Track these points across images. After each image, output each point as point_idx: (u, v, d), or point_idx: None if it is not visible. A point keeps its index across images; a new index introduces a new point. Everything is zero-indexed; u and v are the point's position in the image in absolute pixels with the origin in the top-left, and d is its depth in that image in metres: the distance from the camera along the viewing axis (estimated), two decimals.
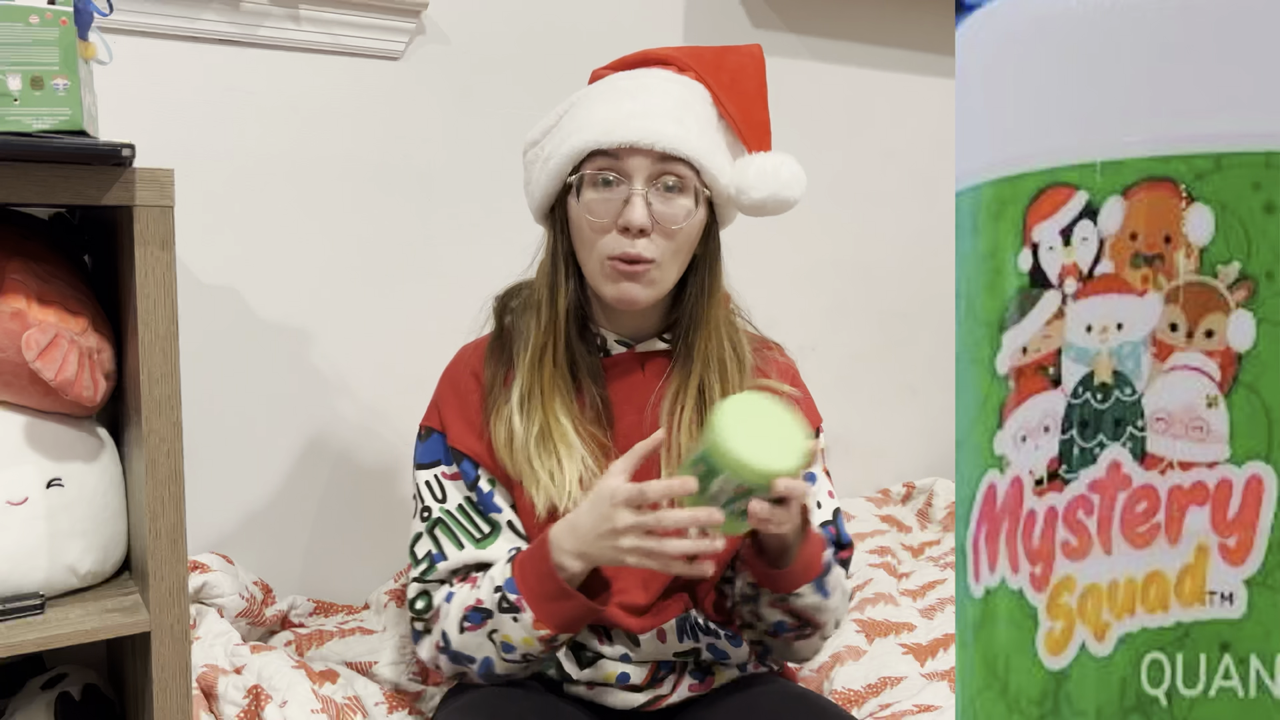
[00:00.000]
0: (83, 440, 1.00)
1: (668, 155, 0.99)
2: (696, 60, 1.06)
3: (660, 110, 1.01)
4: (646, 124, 0.99)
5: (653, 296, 1.04)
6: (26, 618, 0.93)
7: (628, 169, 1.00)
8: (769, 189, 1.03)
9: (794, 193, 1.05)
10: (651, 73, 1.06)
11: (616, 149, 0.99)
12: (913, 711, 1.24)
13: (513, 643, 1.01)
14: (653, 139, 0.98)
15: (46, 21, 0.84)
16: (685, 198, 1.01)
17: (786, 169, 1.05)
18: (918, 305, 2.13)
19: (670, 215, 1.01)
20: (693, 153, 1.00)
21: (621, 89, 1.04)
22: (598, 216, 1.01)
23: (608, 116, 1.00)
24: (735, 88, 1.06)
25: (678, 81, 1.05)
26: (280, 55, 1.47)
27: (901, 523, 1.97)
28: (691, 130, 1.01)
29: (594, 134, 1.00)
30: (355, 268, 1.56)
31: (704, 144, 1.01)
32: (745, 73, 1.06)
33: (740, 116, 1.05)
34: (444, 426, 1.10)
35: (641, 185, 1.00)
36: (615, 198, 1.00)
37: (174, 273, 0.92)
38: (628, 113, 1.00)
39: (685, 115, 1.01)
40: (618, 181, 1.00)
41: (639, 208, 0.99)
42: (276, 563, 1.53)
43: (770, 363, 1.14)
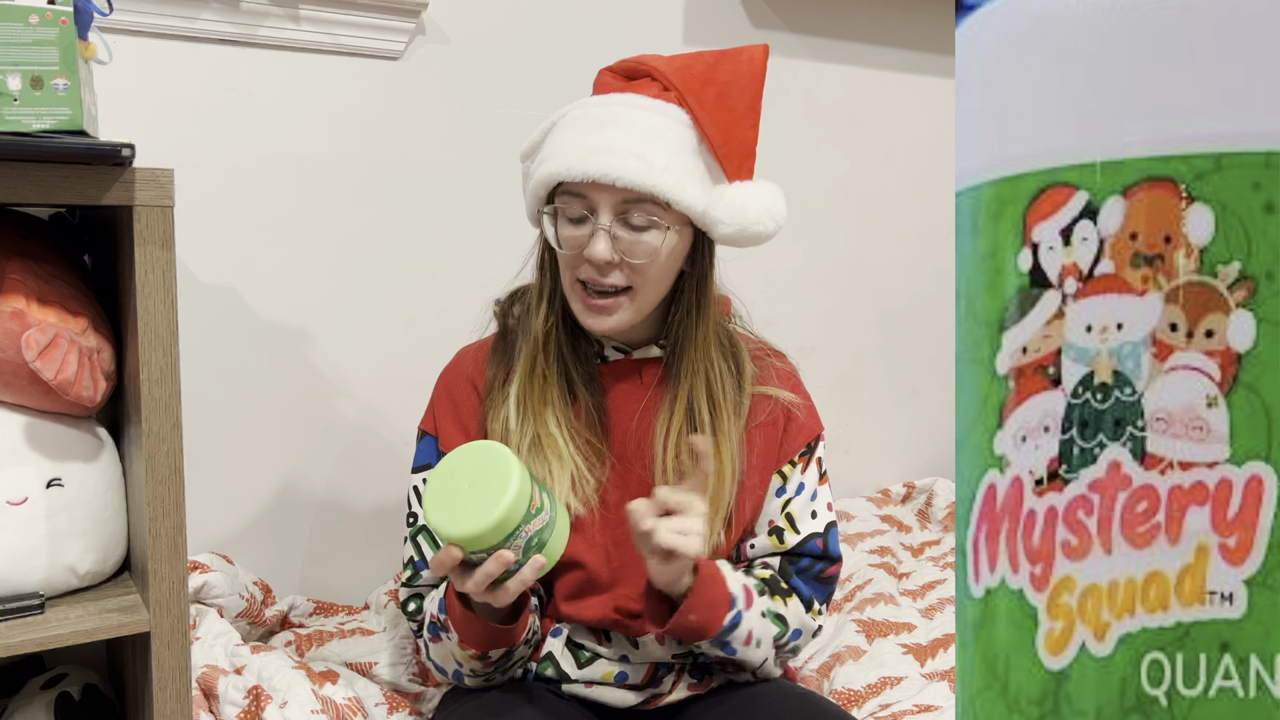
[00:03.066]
0: (83, 440, 1.00)
1: (630, 190, 0.97)
2: (683, 75, 1.02)
3: (623, 145, 0.98)
4: (608, 160, 0.97)
5: (628, 322, 1.03)
6: (26, 618, 0.93)
7: (593, 203, 0.99)
8: (737, 224, 1.00)
9: (765, 227, 1.01)
10: (625, 98, 1.02)
11: (580, 184, 0.99)
12: (913, 711, 1.24)
13: (457, 659, 1.02)
14: (614, 175, 0.96)
15: (46, 21, 0.84)
16: (652, 232, 0.99)
17: (758, 204, 1.01)
18: (918, 305, 2.13)
19: (636, 249, 0.99)
20: (656, 188, 0.97)
21: (593, 118, 1.01)
22: (568, 249, 1.01)
23: (574, 150, 0.99)
24: (722, 105, 1.02)
25: (650, 107, 1.01)
26: (280, 55, 1.47)
27: (901, 523, 1.97)
28: (657, 163, 0.97)
29: (559, 166, 0.99)
30: (355, 268, 1.56)
31: (670, 178, 0.98)
32: (737, 85, 1.03)
33: (721, 140, 1.02)
34: (437, 430, 1.10)
35: (607, 220, 0.99)
36: (583, 232, 1.00)
37: (174, 273, 0.92)
38: (591, 147, 0.98)
39: (652, 147, 0.98)
40: (583, 218, 1.00)
41: (601, 244, 0.98)
42: (276, 563, 1.53)
43: (769, 370, 1.13)
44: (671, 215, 1.00)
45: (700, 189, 1.00)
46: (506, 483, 0.85)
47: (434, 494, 0.88)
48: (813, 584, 1.09)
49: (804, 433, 1.11)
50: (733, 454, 1.06)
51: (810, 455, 1.12)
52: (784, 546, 1.09)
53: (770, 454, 1.10)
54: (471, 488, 0.87)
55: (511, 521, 0.85)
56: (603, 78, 1.08)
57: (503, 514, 0.84)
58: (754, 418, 1.09)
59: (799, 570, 1.08)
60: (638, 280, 1.01)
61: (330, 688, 1.19)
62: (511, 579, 0.89)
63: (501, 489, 0.85)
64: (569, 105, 1.04)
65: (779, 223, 1.02)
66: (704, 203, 1.00)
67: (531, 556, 0.88)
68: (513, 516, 0.85)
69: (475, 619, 0.97)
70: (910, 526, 1.96)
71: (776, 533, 1.09)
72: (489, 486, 0.86)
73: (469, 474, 0.88)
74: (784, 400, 1.11)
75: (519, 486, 0.85)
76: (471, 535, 0.85)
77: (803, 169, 1.94)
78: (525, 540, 0.87)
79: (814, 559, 1.08)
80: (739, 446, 1.07)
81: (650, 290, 1.03)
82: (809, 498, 1.10)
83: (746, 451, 1.08)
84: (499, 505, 0.84)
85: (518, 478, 0.86)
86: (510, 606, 0.98)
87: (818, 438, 1.13)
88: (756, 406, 1.10)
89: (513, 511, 0.85)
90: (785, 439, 1.10)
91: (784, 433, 1.10)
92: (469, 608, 0.97)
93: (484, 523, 0.84)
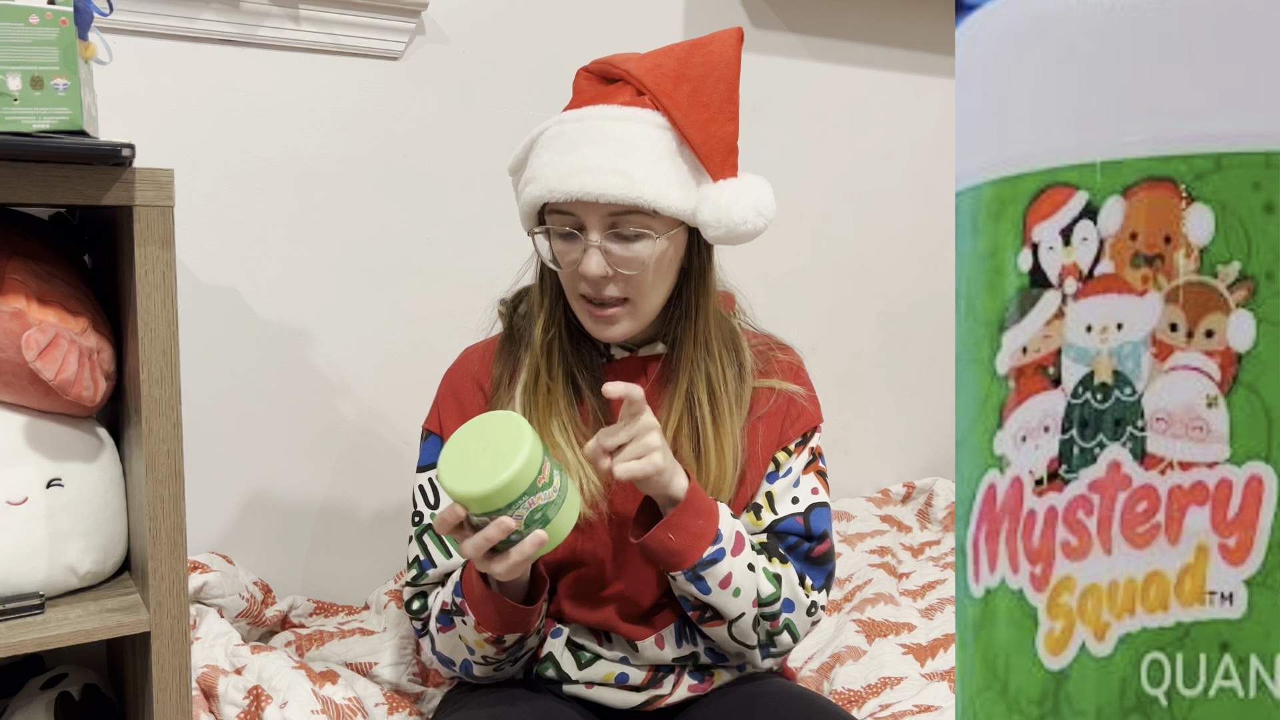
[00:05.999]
0: (83, 440, 1.00)
1: (615, 203, 0.98)
2: (657, 75, 1.02)
3: (599, 161, 0.97)
4: (587, 179, 0.97)
5: (634, 329, 1.04)
6: (26, 618, 0.93)
7: (582, 218, 0.99)
8: (724, 226, 1.00)
9: (753, 225, 1.00)
10: (599, 110, 1.01)
11: (565, 204, 0.99)
12: (913, 711, 1.24)
13: (470, 644, 1.02)
14: (596, 193, 0.96)
15: (46, 21, 0.84)
16: (643, 241, 0.99)
17: (742, 204, 1.00)
18: (918, 305, 2.13)
19: (629, 261, 1.00)
20: (640, 199, 0.97)
21: (568, 136, 1.01)
22: (563, 266, 1.02)
23: (552, 170, 0.99)
24: (697, 102, 1.01)
25: (624, 117, 1.00)
26: (280, 55, 1.47)
27: (901, 523, 1.97)
28: (636, 175, 0.97)
29: (543, 188, 0.99)
30: (355, 268, 1.56)
31: (651, 188, 0.97)
32: (710, 78, 1.02)
33: (701, 140, 1.01)
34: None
35: (597, 236, 0.99)
36: (575, 249, 1.00)
37: (174, 273, 0.92)
38: (569, 168, 0.98)
39: (629, 159, 0.98)
40: (573, 235, 1.00)
41: (594, 260, 0.99)
42: (276, 563, 1.53)
43: (772, 362, 1.14)
44: (661, 221, 1.00)
45: (684, 192, 1.00)
46: (518, 450, 0.87)
47: (449, 453, 0.90)
48: (803, 562, 1.08)
49: (803, 420, 1.12)
50: (734, 446, 1.06)
51: (805, 444, 1.12)
52: (760, 524, 1.08)
53: (772, 444, 1.10)
54: (484, 452, 0.89)
55: (517, 488, 0.87)
56: (579, 81, 1.07)
57: (508, 479, 0.86)
58: (756, 409, 1.10)
59: (787, 548, 1.08)
60: (633, 291, 1.02)
61: (330, 688, 1.20)
62: (512, 548, 0.89)
63: (512, 455, 0.87)
64: (547, 121, 1.04)
65: (767, 218, 1.02)
66: (691, 204, 1.00)
67: (534, 530, 0.89)
68: (519, 483, 0.87)
69: (494, 598, 0.97)
70: (910, 526, 1.96)
71: (754, 509, 1.09)
72: (500, 452, 0.88)
73: (484, 439, 0.90)
74: (787, 391, 1.11)
75: (528, 455, 0.87)
76: (475, 495, 0.86)
77: (803, 169, 1.94)
78: (529, 511, 0.88)
79: (800, 537, 1.08)
80: (741, 438, 1.07)
81: (650, 298, 1.03)
82: (791, 483, 1.10)
83: (749, 443, 1.08)
84: (506, 470, 0.86)
85: (529, 447, 0.88)
86: (528, 588, 0.99)
87: (814, 427, 1.13)
88: (759, 398, 1.10)
89: (519, 478, 0.87)
90: (785, 427, 1.11)
91: (785, 421, 1.11)
92: (489, 587, 0.97)
93: (489, 484, 0.86)
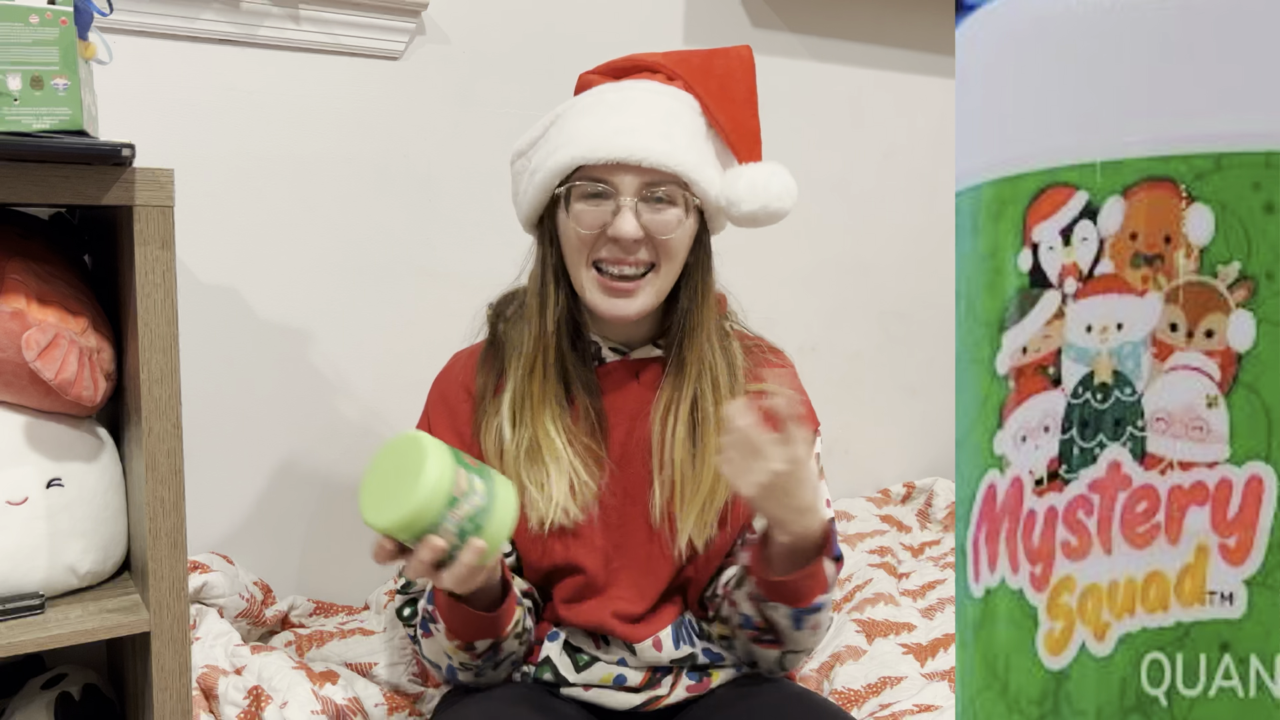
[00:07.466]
0: (83, 440, 1.00)
1: (656, 170, 0.98)
2: (684, 67, 1.05)
3: (647, 125, 0.99)
4: (633, 140, 0.98)
5: (647, 307, 1.03)
6: (26, 618, 0.93)
7: (616, 184, 0.99)
8: (759, 201, 1.03)
9: (785, 204, 1.04)
10: (638, 84, 1.04)
11: (603, 165, 0.99)
12: (913, 711, 1.24)
13: (446, 651, 1.01)
14: (640, 155, 0.97)
15: (46, 21, 0.84)
16: (675, 208, 1.01)
17: (777, 181, 1.04)
18: (918, 305, 2.13)
19: (661, 225, 1.00)
20: (680, 167, 0.99)
21: (608, 102, 1.02)
22: (587, 227, 1.00)
23: (594, 132, 0.99)
24: (724, 94, 1.04)
25: (664, 92, 1.03)
26: (280, 55, 1.47)
27: (901, 523, 1.97)
28: (679, 144, 0.99)
29: (580, 150, 0.99)
30: (355, 268, 1.56)
31: (692, 157, 1.00)
32: (734, 78, 1.05)
33: (730, 126, 1.04)
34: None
35: (630, 198, 0.99)
36: (604, 209, 1.00)
37: (174, 273, 0.92)
38: (614, 129, 0.99)
39: (673, 128, 1.00)
40: (606, 194, 1.00)
41: (629, 219, 0.98)
42: (276, 563, 1.53)
43: (763, 365, 1.13)
44: (686, 199, 1.01)
45: (715, 172, 1.03)
46: (420, 472, 0.86)
47: (366, 486, 0.89)
48: None
49: None
50: None
51: None
52: None
53: None
54: (396, 479, 0.88)
55: (431, 508, 0.86)
56: (589, 77, 1.08)
57: (418, 503, 0.85)
58: None
59: None
60: (663, 257, 1.02)
61: (330, 688, 1.19)
62: (455, 564, 0.88)
63: (414, 479, 0.86)
64: (574, 99, 1.05)
65: (794, 201, 1.05)
66: (719, 185, 1.03)
67: (469, 540, 0.88)
68: (432, 503, 0.85)
69: (458, 606, 0.96)
70: (910, 526, 1.96)
71: None
72: (407, 477, 0.87)
73: (394, 465, 0.89)
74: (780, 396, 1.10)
75: (435, 475, 0.86)
76: (393, 525, 0.86)
77: (803, 169, 1.93)
78: (458, 525, 0.87)
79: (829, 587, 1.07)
80: None
81: (673, 268, 1.03)
82: None
83: None
84: (412, 496, 0.85)
85: (433, 466, 0.86)
86: (491, 595, 0.98)
87: (814, 431, 1.13)
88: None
89: (431, 499, 0.85)
90: None
91: None
92: (454, 595, 0.97)
93: (400, 513, 0.85)
